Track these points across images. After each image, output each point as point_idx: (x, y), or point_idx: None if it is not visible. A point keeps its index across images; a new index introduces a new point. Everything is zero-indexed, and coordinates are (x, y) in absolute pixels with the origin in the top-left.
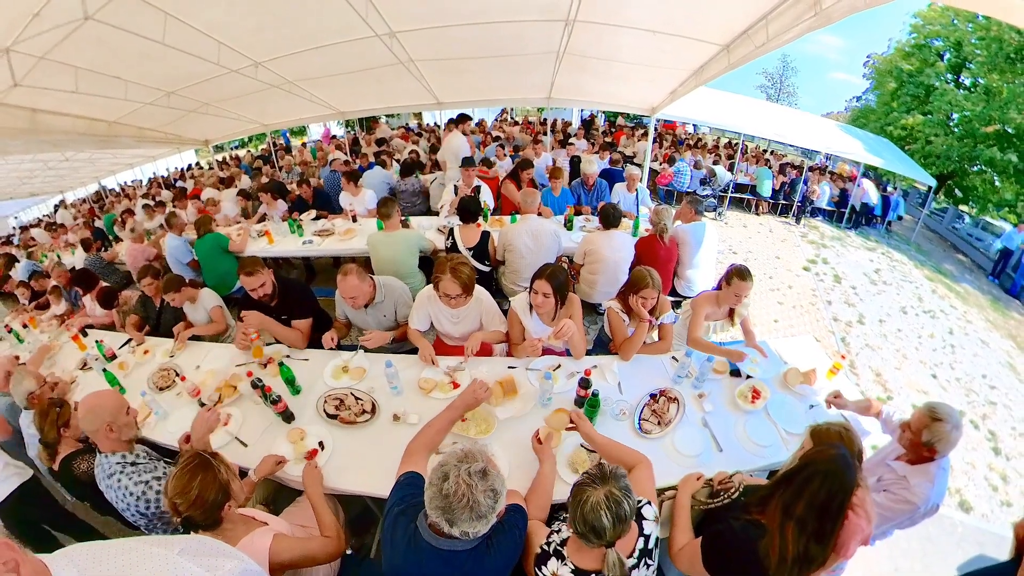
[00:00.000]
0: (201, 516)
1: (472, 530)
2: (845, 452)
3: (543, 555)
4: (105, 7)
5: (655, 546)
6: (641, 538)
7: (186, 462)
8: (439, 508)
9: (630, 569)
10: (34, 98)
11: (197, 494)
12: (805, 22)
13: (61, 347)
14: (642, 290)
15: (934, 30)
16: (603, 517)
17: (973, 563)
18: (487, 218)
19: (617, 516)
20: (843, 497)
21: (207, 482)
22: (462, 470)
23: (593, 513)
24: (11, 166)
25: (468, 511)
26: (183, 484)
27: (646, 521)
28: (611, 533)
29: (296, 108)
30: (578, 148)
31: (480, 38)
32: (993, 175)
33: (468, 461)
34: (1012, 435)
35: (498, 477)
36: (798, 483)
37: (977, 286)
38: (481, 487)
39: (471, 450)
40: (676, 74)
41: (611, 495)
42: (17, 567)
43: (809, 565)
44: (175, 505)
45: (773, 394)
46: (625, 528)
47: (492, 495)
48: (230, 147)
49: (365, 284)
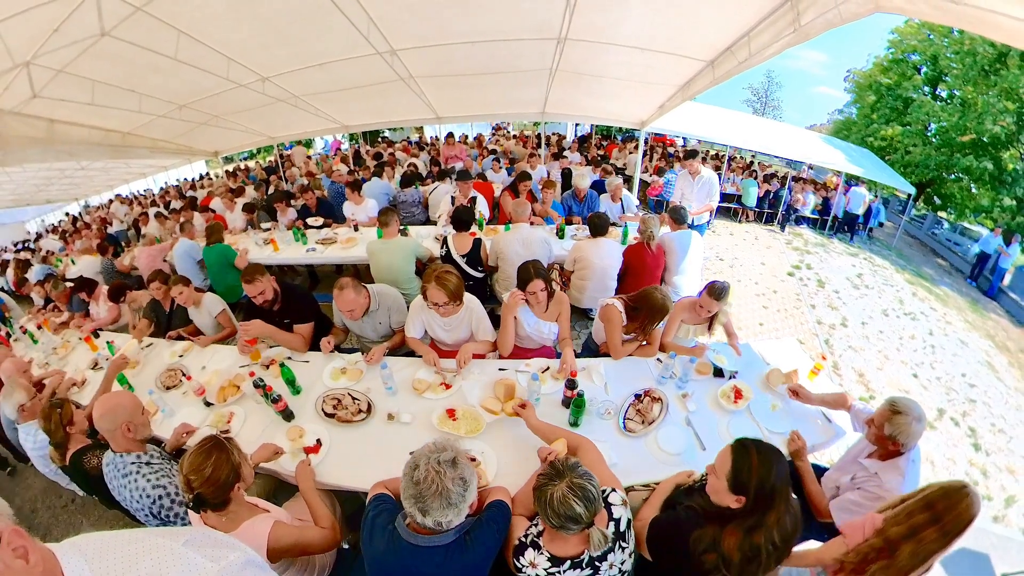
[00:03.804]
0: (212, 494)
1: (444, 519)
2: None
3: (520, 546)
4: (121, 24)
5: (627, 528)
6: (612, 523)
7: (202, 443)
8: (412, 497)
9: (604, 554)
10: (52, 109)
11: (211, 472)
12: (785, 38)
13: (73, 347)
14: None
15: (911, 45)
16: (574, 505)
17: (955, 556)
18: (482, 226)
19: (586, 499)
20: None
21: (220, 462)
22: (432, 459)
23: (563, 505)
24: (29, 174)
25: (439, 498)
26: (198, 462)
27: (614, 506)
28: (587, 516)
29: (302, 121)
30: (571, 161)
31: (477, 56)
32: (970, 182)
33: (438, 452)
34: (991, 431)
35: (467, 467)
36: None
37: (956, 289)
38: (450, 475)
39: (441, 442)
40: (664, 89)
41: (572, 484)
42: (26, 554)
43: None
44: (189, 481)
45: (755, 394)
46: (598, 507)
47: (461, 483)
48: (239, 158)
49: (361, 296)
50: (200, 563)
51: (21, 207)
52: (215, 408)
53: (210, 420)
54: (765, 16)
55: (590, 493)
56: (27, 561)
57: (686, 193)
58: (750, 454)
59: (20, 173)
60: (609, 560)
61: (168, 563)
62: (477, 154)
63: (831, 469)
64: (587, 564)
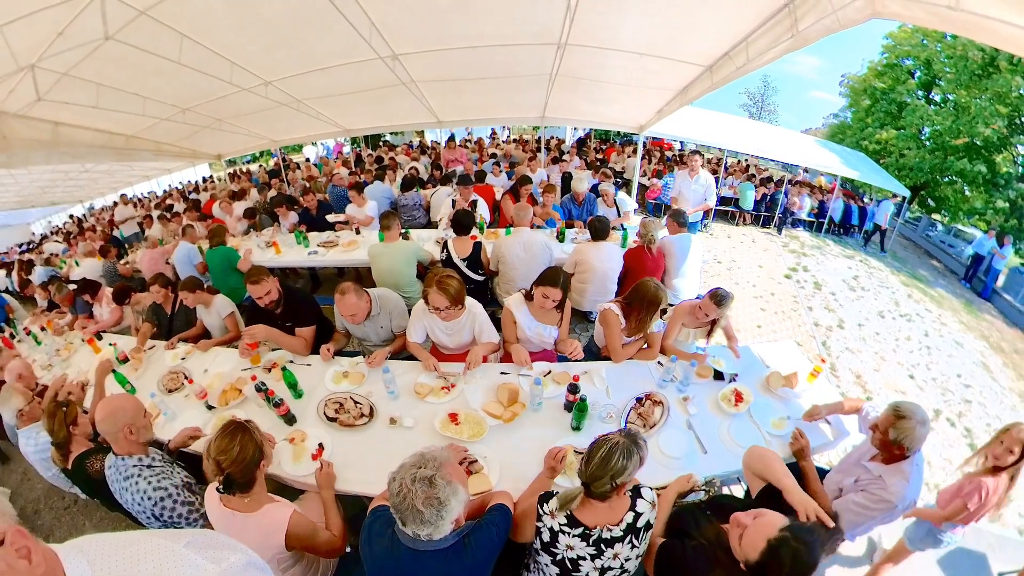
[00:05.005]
0: (240, 473)
1: (423, 533)
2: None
3: (547, 495)
4: (125, 28)
5: (645, 530)
6: (631, 512)
7: (226, 427)
8: (393, 507)
9: (613, 540)
10: (56, 112)
11: (238, 452)
12: (783, 44)
13: (76, 349)
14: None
15: (905, 50)
16: (614, 457)
17: (952, 556)
18: (483, 230)
19: (625, 455)
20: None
21: (246, 441)
22: (407, 476)
23: (608, 454)
24: (33, 176)
25: (412, 514)
26: (225, 444)
27: (640, 500)
28: (614, 471)
29: (304, 125)
30: (571, 165)
31: (477, 61)
32: (963, 185)
33: (417, 467)
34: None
35: (446, 487)
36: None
37: (951, 290)
38: (423, 495)
39: (428, 455)
40: (662, 94)
41: (626, 444)
42: (28, 554)
43: None
44: (218, 463)
45: (756, 397)
46: (623, 476)
47: (436, 504)
48: (242, 161)
49: (362, 301)
50: (202, 564)
51: (26, 209)
52: (217, 411)
53: (212, 424)
54: (763, 22)
55: (633, 456)
56: (30, 561)
57: (683, 191)
58: (784, 561)
59: (25, 175)
60: (615, 549)
61: (169, 564)
62: (477, 157)
63: (832, 471)
64: (594, 541)
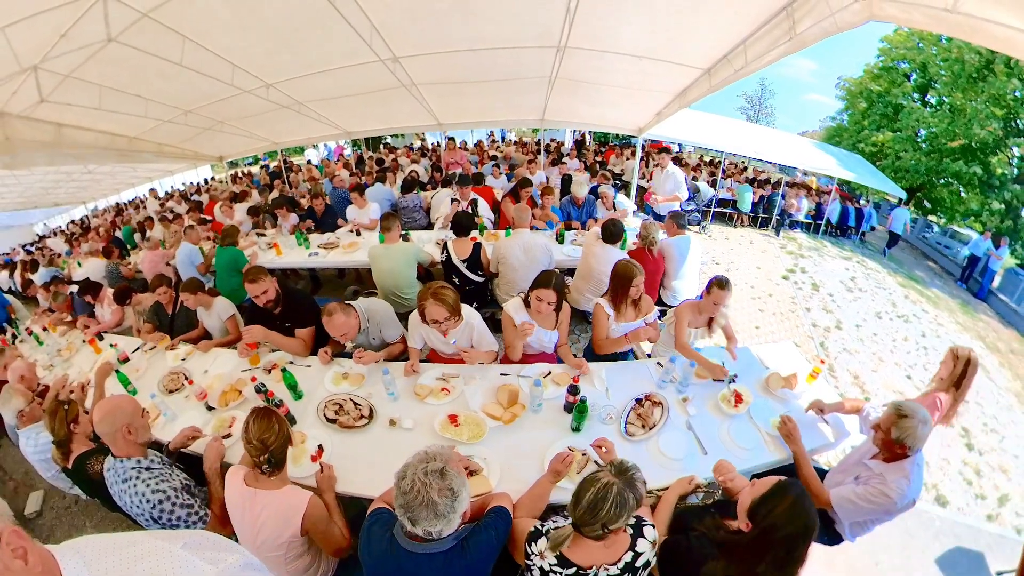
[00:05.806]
0: (279, 450)
1: (435, 529)
2: (798, 493)
3: (536, 533)
4: (127, 30)
5: (644, 569)
6: (630, 552)
7: (255, 412)
8: (401, 507)
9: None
10: (59, 113)
11: (279, 429)
12: (781, 46)
13: (78, 349)
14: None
15: (901, 53)
16: (606, 502)
17: (950, 556)
18: (483, 231)
19: (619, 504)
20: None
21: (280, 420)
22: (419, 469)
23: (598, 497)
24: (36, 177)
25: (426, 509)
26: (266, 425)
27: (642, 539)
28: (607, 519)
29: (305, 127)
30: (570, 167)
31: (477, 63)
32: (959, 187)
33: (427, 461)
34: (984, 431)
35: (457, 478)
36: (765, 546)
37: (947, 291)
38: (437, 486)
39: (433, 451)
40: (661, 97)
41: (620, 486)
42: (25, 554)
43: None
44: (263, 442)
45: (755, 398)
46: (619, 521)
47: (450, 494)
48: (244, 163)
49: (351, 318)
50: (199, 566)
51: (29, 209)
52: (217, 412)
53: (212, 424)
54: (761, 25)
55: (627, 503)
56: (26, 562)
57: (655, 183)
58: (784, 498)
59: (28, 176)
60: None
61: (167, 565)
62: (477, 159)
63: (832, 471)
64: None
